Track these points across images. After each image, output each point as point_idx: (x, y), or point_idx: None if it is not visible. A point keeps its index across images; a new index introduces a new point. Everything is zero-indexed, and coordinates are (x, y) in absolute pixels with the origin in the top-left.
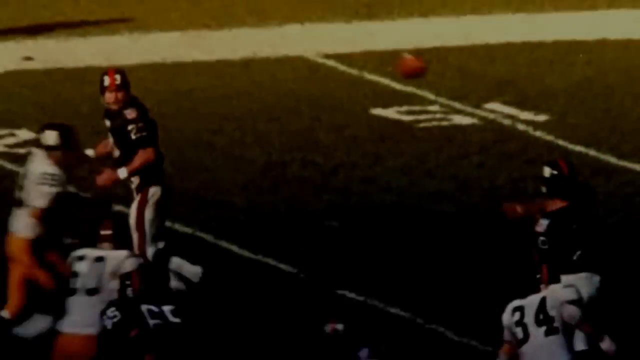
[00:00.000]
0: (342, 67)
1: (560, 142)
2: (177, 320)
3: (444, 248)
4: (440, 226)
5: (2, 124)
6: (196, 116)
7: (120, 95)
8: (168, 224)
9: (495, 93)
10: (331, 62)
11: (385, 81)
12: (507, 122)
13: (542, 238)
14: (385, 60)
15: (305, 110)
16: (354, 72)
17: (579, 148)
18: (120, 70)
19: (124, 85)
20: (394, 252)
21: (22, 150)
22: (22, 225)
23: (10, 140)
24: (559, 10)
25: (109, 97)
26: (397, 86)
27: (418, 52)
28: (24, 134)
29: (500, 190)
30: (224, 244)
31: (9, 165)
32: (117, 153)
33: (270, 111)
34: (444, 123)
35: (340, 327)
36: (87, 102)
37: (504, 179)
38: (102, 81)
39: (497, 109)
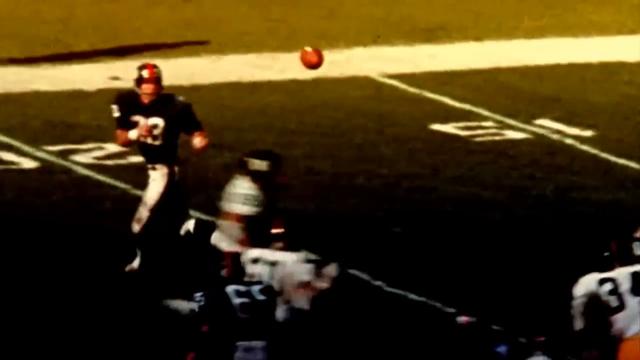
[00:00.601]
0: (403, 86)
1: (605, 155)
2: (263, 297)
3: (496, 253)
4: (493, 232)
5: (92, 138)
6: (270, 131)
7: (157, 87)
8: None
9: (545, 110)
10: (394, 82)
11: (443, 99)
12: (555, 136)
13: None
14: (443, 80)
15: (370, 126)
16: (414, 90)
17: (622, 161)
18: (156, 65)
19: (161, 78)
20: (451, 256)
21: (109, 162)
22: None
23: (99, 153)
24: (603, 35)
25: (148, 88)
26: (455, 104)
27: (471, 72)
28: (112, 147)
29: (548, 199)
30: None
31: (97, 176)
32: (157, 141)
33: (338, 126)
34: (497, 138)
35: (473, 320)
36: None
37: (552, 189)
38: (140, 74)
39: (546, 124)
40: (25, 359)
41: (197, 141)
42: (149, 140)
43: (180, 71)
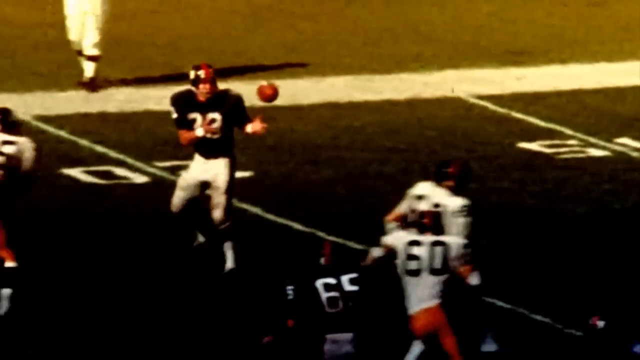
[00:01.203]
0: (492, 107)
1: None
2: (354, 288)
3: (581, 265)
4: (576, 245)
5: None
6: (367, 148)
7: (213, 86)
8: (345, 243)
9: (625, 129)
10: (483, 102)
11: (530, 119)
12: (635, 154)
13: None
14: (529, 101)
15: (461, 144)
16: (502, 111)
17: None
18: (210, 65)
19: (215, 78)
20: (536, 266)
21: None
22: None
23: None
24: None
25: (205, 87)
26: (540, 123)
27: (556, 93)
28: None
29: (628, 213)
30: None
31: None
32: (216, 135)
33: (430, 144)
34: (580, 155)
35: (601, 323)
36: (272, 136)
37: (631, 203)
38: (197, 74)
39: (626, 142)
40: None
41: (253, 125)
42: (209, 135)
43: (282, 92)
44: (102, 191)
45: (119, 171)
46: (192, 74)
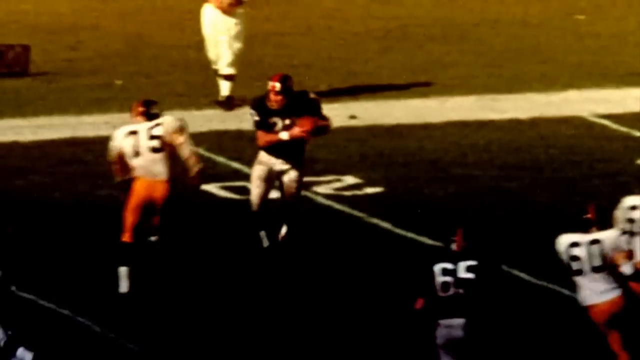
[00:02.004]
0: (613, 126)
1: None
2: (470, 275)
3: None
4: None
5: (331, 171)
6: (492, 166)
7: (284, 99)
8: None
9: None
10: (604, 121)
11: None
12: None
13: None
14: None
15: (583, 162)
16: (623, 129)
17: None
18: (284, 77)
19: (289, 88)
20: None
21: (347, 193)
22: None
23: (338, 185)
24: None
25: (275, 99)
26: None
27: None
28: (349, 179)
29: None
30: (515, 271)
31: (337, 205)
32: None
33: (553, 162)
34: None
35: None
36: (402, 153)
37: None
38: (271, 85)
39: None
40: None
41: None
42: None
43: (411, 111)
44: (237, 206)
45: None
46: (268, 85)
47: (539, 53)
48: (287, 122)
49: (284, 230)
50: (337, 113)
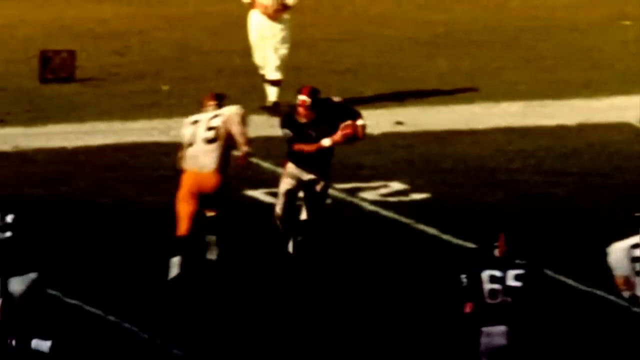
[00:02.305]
0: None
1: None
2: (518, 284)
3: None
4: None
5: (378, 177)
6: (538, 172)
7: (309, 112)
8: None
9: None
10: None
11: None
12: None
13: None
14: None
15: (630, 168)
16: None
17: None
18: (312, 90)
19: (316, 101)
20: None
21: (393, 199)
22: None
23: (384, 191)
24: None
25: (301, 112)
26: None
27: None
28: (396, 185)
29: None
30: (561, 277)
31: (383, 212)
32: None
33: (600, 168)
34: None
35: None
36: (449, 159)
37: None
38: (298, 99)
39: None
40: None
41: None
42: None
43: (457, 117)
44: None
45: (301, 193)
46: (298, 99)
47: (586, 59)
48: (321, 131)
49: (298, 239)
50: (384, 119)
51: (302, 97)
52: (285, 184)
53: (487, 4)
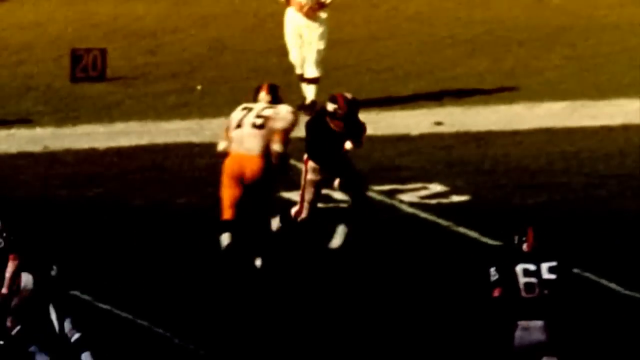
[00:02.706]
0: None
1: None
2: (552, 276)
3: None
4: None
5: (417, 179)
6: (580, 173)
7: (343, 124)
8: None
9: None
10: None
11: None
12: None
13: None
14: None
15: None
16: None
17: None
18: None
19: (354, 112)
20: None
21: (432, 202)
22: None
23: (423, 193)
24: None
25: (337, 125)
26: None
27: None
28: (435, 187)
29: None
30: (603, 281)
31: (422, 214)
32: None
33: None
34: None
35: None
36: (489, 161)
37: None
38: (335, 110)
39: None
40: None
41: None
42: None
43: (498, 117)
44: (322, 215)
45: (337, 195)
46: (329, 107)
47: (630, 58)
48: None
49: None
50: (423, 119)
51: (340, 107)
52: (313, 177)
53: (528, 2)
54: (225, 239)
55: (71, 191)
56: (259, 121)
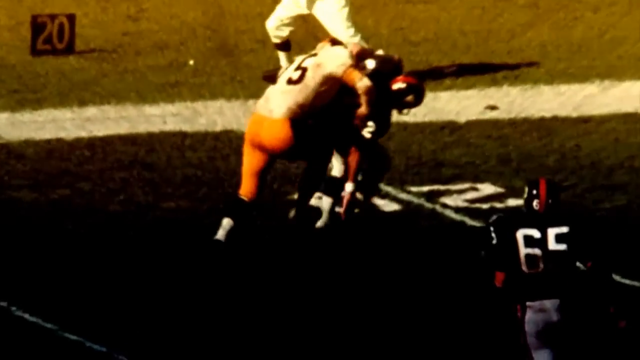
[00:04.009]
0: None
1: None
2: (561, 247)
3: None
4: None
5: (464, 177)
6: None
7: None
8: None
9: None
10: None
11: None
12: None
13: None
14: None
15: None
16: None
17: None
18: None
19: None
20: None
21: (484, 206)
22: None
23: (472, 195)
24: None
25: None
26: None
27: None
28: (487, 189)
29: None
30: None
31: (470, 222)
32: None
33: None
34: None
35: None
36: (554, 154)
37: None
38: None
39: None
40: None
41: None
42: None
43: (566, 99)
44: (340, 221)
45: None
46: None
47: None
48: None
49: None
50: (471, 102)
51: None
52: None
53: None
54: (224, 225)
55: (31, 192)
56: (295, 75)
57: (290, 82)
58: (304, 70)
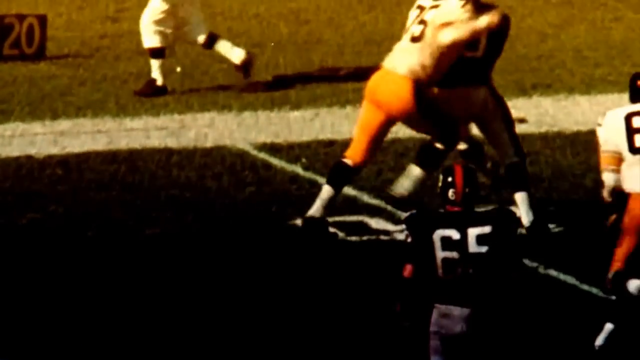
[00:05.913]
0: None
1: None
2: (481, 249)
3: None
4: None
5: (488, 200)
6: None
7: None
8: None
9: None
10: None
11: None
12: None
13: None
14: None
15: None
16: None
17: None
18: None
19: None
20: None
21: None
22: None
23: None
24: None
25: None
26: None
27: None
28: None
29: None
30: None
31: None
32: None
33: None
34: None
35: None
36: (591, 173)
37: None
38: None
39: None
40: None
41: None
42: None
43: (604, 111)
44: (354, 248)
45: (374, 223)
46: None
47: None
48: None
49: None
50: None
51: None
52: None
53: None
54: (321, 196)
55: None
56: (417, 30)
57: (414, 39)
58: (425, 24)
